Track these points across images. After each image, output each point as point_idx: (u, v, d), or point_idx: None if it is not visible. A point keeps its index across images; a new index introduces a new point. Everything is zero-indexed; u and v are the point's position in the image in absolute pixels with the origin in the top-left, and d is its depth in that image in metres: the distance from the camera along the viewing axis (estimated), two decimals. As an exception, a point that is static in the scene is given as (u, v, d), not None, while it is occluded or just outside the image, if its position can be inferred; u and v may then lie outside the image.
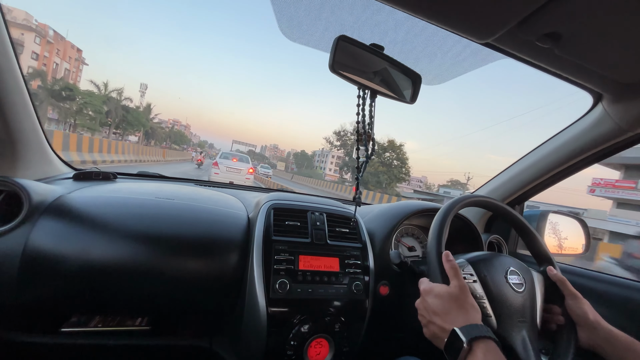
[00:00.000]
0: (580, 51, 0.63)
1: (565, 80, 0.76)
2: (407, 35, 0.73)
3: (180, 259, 0.79)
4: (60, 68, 44.25)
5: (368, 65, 0.71)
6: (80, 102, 32.59)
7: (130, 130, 43.24)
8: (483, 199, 0.78)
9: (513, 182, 1.14)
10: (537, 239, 0.77)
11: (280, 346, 0.76)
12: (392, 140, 40.42)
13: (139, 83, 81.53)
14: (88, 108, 33.19)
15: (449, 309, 0.57)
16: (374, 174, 37.75)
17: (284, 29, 0.70)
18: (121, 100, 38.54)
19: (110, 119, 37.54)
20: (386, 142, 40.15)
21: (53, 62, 42.28)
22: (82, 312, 0.85)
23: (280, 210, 0.89)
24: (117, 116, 37.80)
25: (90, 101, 32.84)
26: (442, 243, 0.67)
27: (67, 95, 31.64)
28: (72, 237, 0.73)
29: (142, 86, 77.06)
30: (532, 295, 0.67)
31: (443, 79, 0.85)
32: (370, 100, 0.73)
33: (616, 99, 0.78)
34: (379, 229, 0.97)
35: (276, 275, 0.77)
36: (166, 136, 70.16)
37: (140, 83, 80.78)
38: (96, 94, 34.71)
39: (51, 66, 41.31)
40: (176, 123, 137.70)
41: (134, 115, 40.79)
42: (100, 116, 34.67)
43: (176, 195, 0.96)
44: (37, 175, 0.94)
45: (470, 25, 0.61)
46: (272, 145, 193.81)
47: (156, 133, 54.44)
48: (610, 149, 0.89)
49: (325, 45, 0.72)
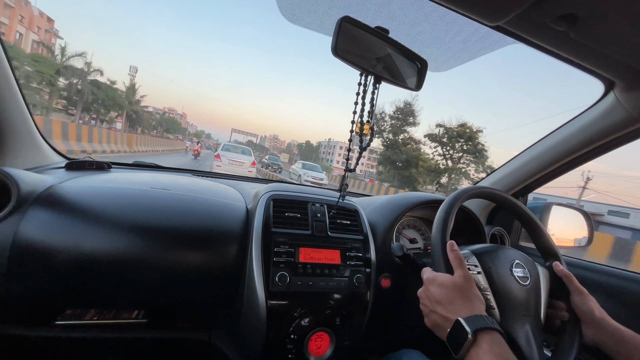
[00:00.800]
0: (596, 35, 0.60)
1: (577, 66, 0.73)
2: (413, 18, 0.69)
3: (177, 251, 0.77)
4: (26, 40, 32.95)
5: (372, 50, 0.67)
6: (27, 68, 22.76)
7: (104, 113, 34.23)
8: (488, 190, 0.76)
9: (518, 173, 1.12)
10: (543, 232, 0.75)
11: (280, 340, 0.75)
12: (464, 124, 25.64)
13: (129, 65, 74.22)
14: (39, 79, 24.11)
15: (453, 299, 0.55)
16: (434, 171, 26.43)
17: (283, 9, 0.66)
18: (89, 72, 29.19)
19: (77, 97, 28.79)
20: (455, 125, 26.16)
21: (15, 32, 31.28)
22: (77, 305, 0.83)
23: (280, 202, 0.86)
24: (86, 93, 29.08)
25: (39, 69, 23.52)
26: (447, 233, 0.65)
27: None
28: (64, 228, 0.70)
29: (132, 69, 69.09)
30: (537, 290, 0.66)
31: (450, 65, 0.81)
32: (373, 87, 0.70)
33: (629, 86, 0.75)
34: (380, 221, 0.95)
35: (276, 267, 0.75)
36: (157, 124, 64.66)
37: (129, 65, 73.00)
38: (47, 59, 25.46)
39: (13, 36, 30.79)
40: (171, 111, 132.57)
41: (108, 93, 31.58)
42: (53, 90, 26.19)
43: (173, 185, 0.93)
44: (26, 164, 0.91)
45: (481, 6, 0.58)
46: (272, 135, 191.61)
47: (142, 119, 45.93)
48: (621, 138, 0.87)
49: (328, 28, 0.68)
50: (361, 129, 0.72)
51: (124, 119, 42.47)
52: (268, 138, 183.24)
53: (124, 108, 38.20)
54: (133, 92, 42.56)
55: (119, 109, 36.93)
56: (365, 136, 0.75)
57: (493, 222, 1.27)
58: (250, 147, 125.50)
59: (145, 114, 47.43)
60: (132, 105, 42.20)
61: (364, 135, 0.75)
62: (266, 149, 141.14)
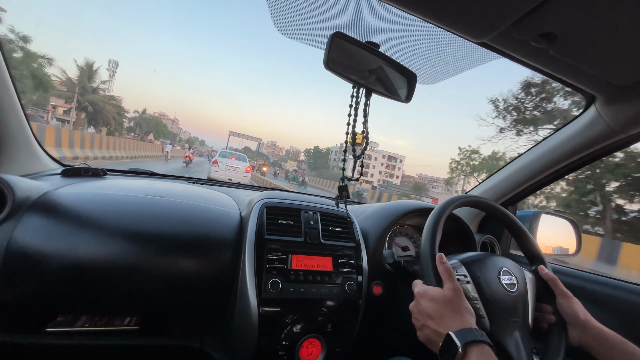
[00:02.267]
0: (574, 52, 0.63)
1: (559, 81, 0.77)
2: (402, 33, 0.72)
3: (171, 258, 0.78)
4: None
5: (363, 63, 0.70)
6: None
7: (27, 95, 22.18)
8: (477, 199, 0.78)
9: (506, 183, 1.15)
10: (529, 238, 0.77)
11: (271, 346, 0.75)
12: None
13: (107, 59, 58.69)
14: None
15: (444, 313, 0.56)
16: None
17: (278, 25, 0.69)
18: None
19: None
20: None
21: None
22: (69, 311, 0.82)
23: (273, 209, 0.88)
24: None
25: None
26: (436, 245, 0.66)
27: None
28: (58, 235, 0.71)
29: (112, 63, 56.16)
30: (524, 295, 0.67)
31: (438, 79, 0.85)
32: (365, 99, 0.73)
33: (609, 101, 0.79)
34: (372, 229, 0.96)
35: (268, 274, 0.76)
36: (136, 124, 53.21)
37: (108, 59, 57.48)
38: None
39: None
40: (162, 116, 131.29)
41: (27, 63, 20.89)
42: None
43: (167, 192, 0.94)
44: (22, 171, 0.92)
45: (465, 24, 0.61)
46: (270, 142, 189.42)
47: (105, 114, 31.99)
48: (602, 150, 0.90)
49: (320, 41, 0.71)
50: (354, 138, 0.74)
51: (73, 111, 30.33)
52: (266, 144, 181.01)
53: (49, 90, 25.48)
54: (88, 76, 30.32)
55: (45, 91, 25.02)
56: (359, 145, 0.78)
57: (484, 231, 1.29)
58: (248, 153, 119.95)
59: (110, 108, 33.09)
60: (89, 94, 30.37)
61: (358, 145, 0.77)
62: (265, 156, 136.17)
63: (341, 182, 0.82)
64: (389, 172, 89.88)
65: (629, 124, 0.80)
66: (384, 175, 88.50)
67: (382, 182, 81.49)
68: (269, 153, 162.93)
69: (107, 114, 32.73)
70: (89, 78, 30.91)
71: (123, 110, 44.75)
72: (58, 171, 1.01)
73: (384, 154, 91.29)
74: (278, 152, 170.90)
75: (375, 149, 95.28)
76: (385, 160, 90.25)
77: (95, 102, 31.42)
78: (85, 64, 31.09)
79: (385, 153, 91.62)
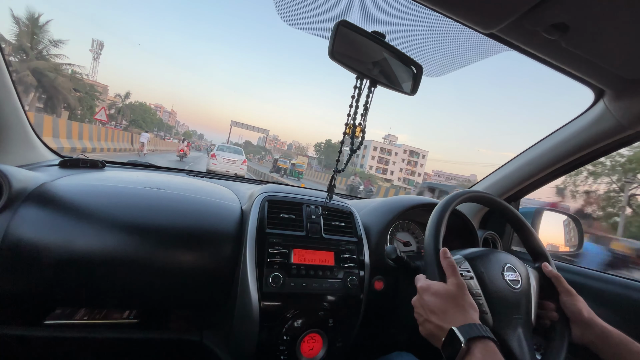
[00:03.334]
0: (587, 44, 0.61)
1: (568, 75, 0.75)
2: (409, 23, 0.70)
3: (171, 251, 0.77)
4: None
5: (369, 54, 0.68)
6: None
7: None
8: (480, 194, 0.77)
9: (510, 178, 1.13)
10: (533, 234, 0.76)
11: (272, 341, 0.75)
12: None
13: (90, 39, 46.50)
14: None
15: (447, 308, 0.56)
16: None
17: (281, 12, 0.66)
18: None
19: None
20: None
21: None
22: (67, 304, 0.82)
23: (275, 203, 0.87)
24: None
25: None
26: (440, 240, 0.66)
27: None
28: (56, 227, 0.69)
29: (96, 44, 46.32)
30: (528, 292, 0.67)
31: (445, 71, 0.83)
32: (369, 91, 0.71)
33: (618, 95, 0.77)
34: (374, 223, 0.95)
35: (269, 268, 0.75)
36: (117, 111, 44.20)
37: (92, 39, 46.98)
38: None
39: None
40: (159, 108, 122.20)
41: None
42: None
43: (167, 185, 0.93)
44: (18, 161, 0.90)
45: (475, 13, 0.59)
46: (272, 136, 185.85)
47: (57, 89, 22.65)
48: (610, 146, 0.89)
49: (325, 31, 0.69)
50: (353, 131, 0.72)
51: (33, 95, 22.37)
52: (268, 139, 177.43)
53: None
54: (31, 34, 21.53)
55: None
56: (356, 138, 0.76)
57: (486, 227, 1.28)
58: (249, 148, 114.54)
59: (64, 82, 22.82)
60: (31, 60, 21.60)
61: (355, 138, 0.76)
62: (267, 150, 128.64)
63: (334, 173, 0.80)
64: (410, 169, 79.15)
65: (639, 120, 0.78)
66: (405, 172, 78.49)
67: (403, 180, 73.69)
68: (271, 147, 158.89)
69: (62, 90, 23.09)
70: (31, 37, 21.31)
71: (95, 89, 34.75)
72: (56, 162, 0.99)
73: (405, 148, 78.98)
74: (280, 147, 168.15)
75: (395, 143, 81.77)
76: (407, 155, 78.43)
77: (41, 71, 21.71)
78: (28, 16, 21.55)
79: (406, 147, 79.28)
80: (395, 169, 77.00)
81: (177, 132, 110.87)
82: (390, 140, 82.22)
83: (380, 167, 75.92)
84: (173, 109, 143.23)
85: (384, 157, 76.47)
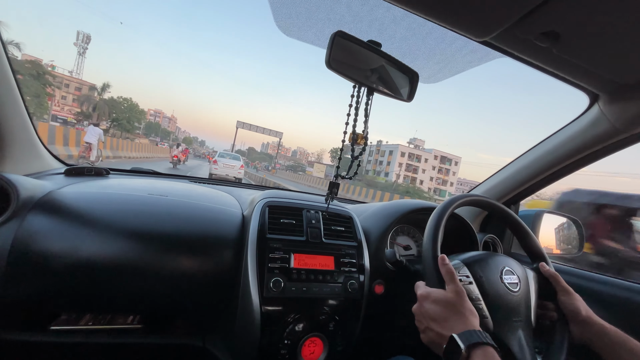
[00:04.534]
0: (578, 50, 0.63)
1: (563, 80, 0.76)
2: (404, 32, 0.72)
3: (174, 257, 0.78)
4: None
5: (365, 62, 0.70)
6: None
7: None
8: (478, 198, 0.78)
9: (509, 182, 1.14)
10: (530, 236, 0.77)
11: (273, 345, 0.76)
12: None
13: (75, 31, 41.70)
14: None
15: (447, 315, 0.56)
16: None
17: (280, 24, 0.69)
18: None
19: None
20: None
21: None
22: (72, 310, 0.83)
23: (275, 208, 0.88)
24: None
25: None
26: (438, 246, 0.66)
27: None
28: (62, 234, 0.71)
29: (82, 37, 40.31)
30: (527, 294, 0.67)
31: (440, 77, 0.84)
32: (367, 98, 0.73)
33: (612, 99, 0.78)
34: (374, 228, 0.96)
35: (270, 273, 0.76)
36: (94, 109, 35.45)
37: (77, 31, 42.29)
38: None
39: None
40: (158, 114, 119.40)
41: None
42: None
43: (170, 191, 0.95)
44: (26, 170, 0.92)
45: (468, 22, 0.61)
46: (275, 142, 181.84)
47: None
48: (605, 149, 0.90)
49: (322, 41, 0.71)
50: (354, 138, 0.74)
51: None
52: (271, 145, 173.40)
53: None
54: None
55: None
56: (358, 146, 0.78)
57: (486, 230, 1.29)
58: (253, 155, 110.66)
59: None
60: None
61: (357, 145, 0.77)
62: (271, 156, 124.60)
63: (334, 179, 0.82)
64: (441, 177, 69.42)
65: (633, 123, 0.79)
66: (436, 181, 68.56)
67: (434, 190, 64.28)
68: (275, 154, 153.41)
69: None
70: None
71: (46, 72, 26.14)
72: (61, 170, 1.02)
73: (435, 154, 68.69)
74: (284, 153, 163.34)
75: (424, 148, 70.71)
76: (438, 162, 68.50)
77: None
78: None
79: (437, 153, 69.08)
80: (425, 177, 66.99)
81: (176, 138, 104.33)
82: (417, 145, 70.95)
83: (409, 175, 66.02)
84: (173, 115, 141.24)
85: (412, 164, 66.75)
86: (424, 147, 72.77)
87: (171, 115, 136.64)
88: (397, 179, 59.62)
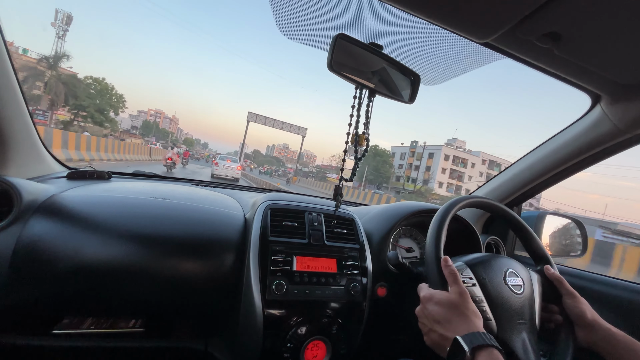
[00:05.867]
0: (579, 51, 0.63)
1: (564, 81, 0.76)
2: (406, 34, 0.72)
3: (176, 260, 0.78)
4: None
5: (367, 64, 0.70)
6: None
7: None
8: (481, 199, 0.77)
9: (511, 183, 1.14)
10: (534, 238, 0.77)
11: (276, 348, 0.75)
12: None
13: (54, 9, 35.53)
14: None
15: (450, 317, 0.56)
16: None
17: (282, 27, 0.69)
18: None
19: None
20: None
21: None
22: (75, 313, 0.83)
23: (277, 211, 0.88)
24: None
25: None
26: (441, 247, 0.66)
27: None
28: (65, 237, 0.71)
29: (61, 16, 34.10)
30: (531, 296, 0.67)
31: (442, 79, 0.84)
32: (368, 100, 0.73)
33: (614, 100, 0.78)
34: (376, 230, 0.96)
35: (273, 276, 0.76)
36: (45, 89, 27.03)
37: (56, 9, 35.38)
38: None
39: None
40: (159, 114, 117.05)
41: None
42: None
43: (172, 195, 0.95)
44: (29, 174, 0.92)
45: (469, 24, 0.61)
46: (282, 144, 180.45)
47: None
48: (607, 150, 0.89)
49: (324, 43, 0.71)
50: (356, 140, 0.74)
51: None
52: (277, 147, 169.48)
53: None
54: None
55: None
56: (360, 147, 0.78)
57: (489, 232, 1.28)
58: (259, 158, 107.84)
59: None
60: None
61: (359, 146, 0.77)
62: (279, 160, 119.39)
63: (341, 182, 0.81)
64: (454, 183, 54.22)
65: (635, 123, 0.79)
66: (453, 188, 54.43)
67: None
68: (281, 157, 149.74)
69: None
70: None
71: None
72: (64, 174, 1.02)
73: (484, 157, 56.34)
74: (290, 156, 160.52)
75: (472, 151, 57.76)
76: (485, 167, 55.52)
77: None
78: None
79: (485, 157, 56.73)
80: (471, 186, 52.21)
81: (176, 139, 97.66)
82: (457, 146, 57.71)
83: (453, 183, 53.03)
84: (174, 116, 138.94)
85: (458, 169, 53.87)
86: (466, 148, 59.38)
87: (172, 116, 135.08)
88: (440, 187, 50.45)
